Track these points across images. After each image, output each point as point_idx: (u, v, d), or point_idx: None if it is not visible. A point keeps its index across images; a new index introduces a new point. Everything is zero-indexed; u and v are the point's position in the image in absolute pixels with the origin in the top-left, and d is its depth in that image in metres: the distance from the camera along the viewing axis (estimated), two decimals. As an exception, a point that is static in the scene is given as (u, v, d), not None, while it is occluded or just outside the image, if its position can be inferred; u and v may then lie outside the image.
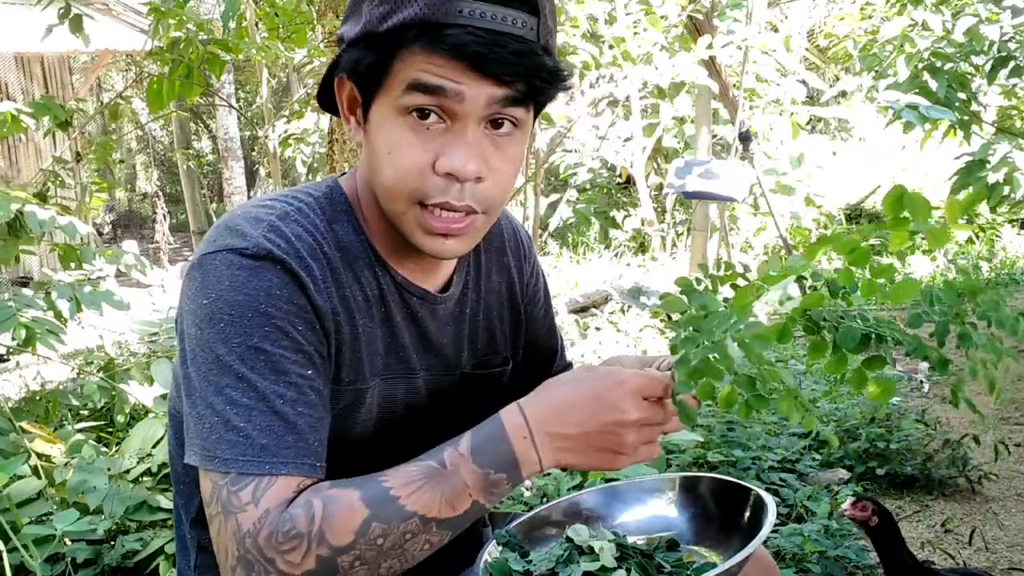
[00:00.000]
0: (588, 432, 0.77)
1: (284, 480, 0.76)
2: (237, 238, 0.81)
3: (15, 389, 3.65)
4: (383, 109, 0.81)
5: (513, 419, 0.78)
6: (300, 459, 0.78)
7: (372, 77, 0.81)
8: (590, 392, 0.78)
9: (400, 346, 0.93)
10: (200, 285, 0.81)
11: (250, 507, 0.74)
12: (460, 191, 0.81)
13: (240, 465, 0.76)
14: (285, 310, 0.80)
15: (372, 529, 0.74)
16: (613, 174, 9.16)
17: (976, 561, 2.15)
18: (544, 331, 1.15)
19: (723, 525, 1.01)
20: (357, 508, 0.74)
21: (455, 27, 0.76)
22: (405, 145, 0.80)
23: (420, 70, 0.78)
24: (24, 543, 1.60)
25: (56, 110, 2.89)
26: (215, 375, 0.78)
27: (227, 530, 0.75)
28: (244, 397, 0.77)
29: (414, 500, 0.75)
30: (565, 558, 0.92)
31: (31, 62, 8.15)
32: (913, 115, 3.24)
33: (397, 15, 0.77)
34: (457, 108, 0.79)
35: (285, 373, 0.79)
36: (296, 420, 0.78)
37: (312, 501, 0.75)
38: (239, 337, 0.78)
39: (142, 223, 15.40)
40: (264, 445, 0.76)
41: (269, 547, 0.73)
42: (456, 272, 0.99)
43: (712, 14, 5.32)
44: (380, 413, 0.93)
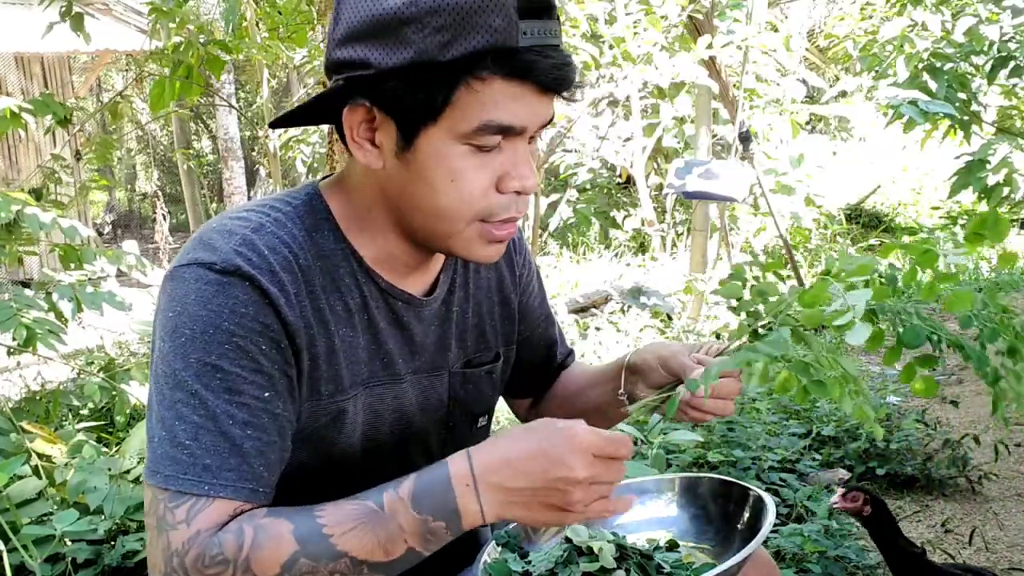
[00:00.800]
0: (535, 488, 0.75)
1: (221, 503, 0.76)
2: (207, 252, 0.81)
3: (15, 389, 3.65)
4: (439, 137, 0.79)
5: (459, 466, 0.76)
6: (241, 483, 0.77)
7: (425, 107, 0.77)
8: (539, 446, 0.75)
9: (384, 352, 0.92)
10: (168, 298, 0.81)
11: (182, 526, 0.75)
12: (519, 202, 0.84)
13: (179, 483, 0.76)
14: (248, 328, 0.79)
15: (299, 564, 0.73)
16: (613, 174, 9.15)
17: (976, 561, 2.15)
18: (541, 320, 1.15)
19: (723, 525, 1.01)
20: (286, 541, 0.74)
21: (525, 51, 0.76)
22: (471, 171, 0.80)
23: (492, 105, 0.77)
24: (24, 543, 1.60)
25: (56, 107, 2.89)
26: (169, 389, 0.78)
27: (158, 545, 0.75)
28: (194, 414, 0.77)
29: (346, 540, 0.74)
30: (564, 559, 0.92)
31: (31, 62, 8.14)
32: (913, 111, 3.24)
33: (463, 43, 0.74)
34: (516, 134, 0.81)
35: (239, 393, 0.78)
36: (243, 443, 0.78)
37: (244, 528, 0.75)
38: (197, 353, 0.78)
39: (142, 223, 15.38)
40: (206, 465, 0.76)
41: (195, 569, 0.73)
42: (442, 272, 0.98)
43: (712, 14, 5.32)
44: (366, 423, 0.92)
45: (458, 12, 0.73)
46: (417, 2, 0.74)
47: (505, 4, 0.74)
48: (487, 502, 0.76)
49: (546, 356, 1.18)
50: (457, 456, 0.78)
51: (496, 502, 0.76)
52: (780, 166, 7.19)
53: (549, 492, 0.75)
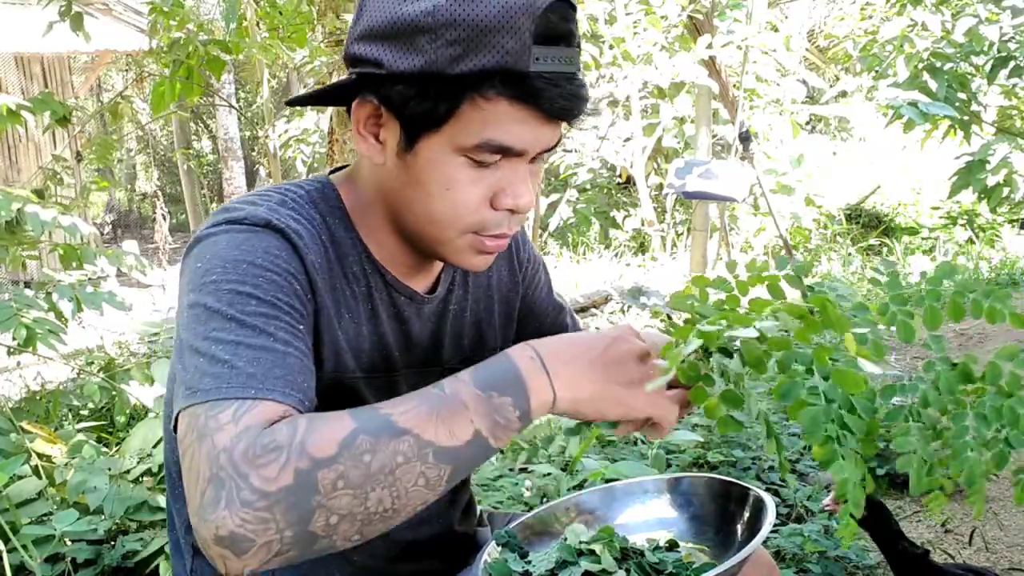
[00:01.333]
0: (598, 353, 0.75)
1: (269, 404, 0.70)
2: (235, 213, 0.82)
3: (15, 389, 3.65)
4: (440, 145, 0.79)
5: (520, 350, 0.75)
6: (288, 389, 0.72)
7: (429, 116, 0.78)
8: (597, 334, 0.78)
9: (384, 345, 0.93)
10: (197, 254, 0.80)
11: (229, 425, 0.67)
12: (511, 220, 0.84)
13: (223, 391, 0.69)
14: (282, 268, 0.79)
15: (359, 442, 0.66)
16: (613, 174, 9.15)
17: (976, 561, 2.15)
18: (550, 311, 1.15)
19: (723, 525, 1.01)
20: (344, 421, 0.68)
21: (535, 76, 0.76)
22: (466, 182, 0.81)
23: (494, 125, 0.77)
24: (24, 543, 1.60)
25: (55, 106, 2.89)
26: (202, 323, 0.74)
27: (200, 452, 0.67)
28: (231, 335, 0.73)
29: (407, 417, 0.68)
30: (565, 559, 0.92)
31: (31, 62, 8.15)
32: (913, 112, 3.24)
33: (473, 60, 0.75)
34: (516, 155, 0.81)
35: (277, 319, 0.76)
36: (286, 357, 0.74)
37: (297, 419, 0.68)
38: (230, 284, 0.76)
39: (142, 223, 15.39)
40: (251, 373, 0.71)
41: (244, 460, 0.65)
42: (443, 271, 0.99)
43: (712, 14, 5.32)
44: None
45: (473, 29, 0.74)
46: (435, 13, 0.75)
47: (521, 27, 0.74)
48: (555, 375, 0.73)
49: None
50: (516, 345, 0.76)
51: (562, 375, 0.73)
52: (780, 166, 7.20)
53: (611, 363, 0.75)
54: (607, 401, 0.75)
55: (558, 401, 0.73)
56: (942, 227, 8.12)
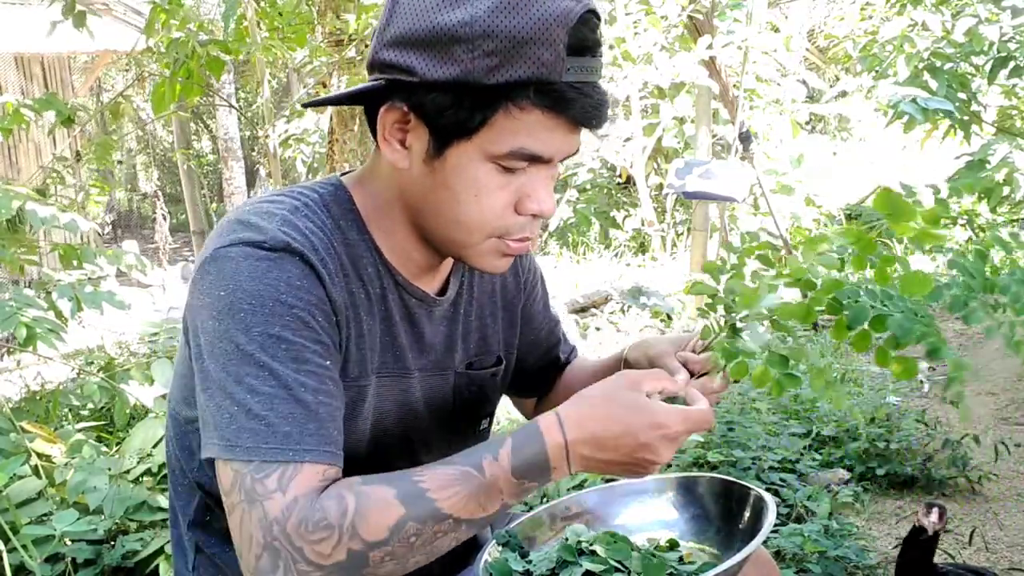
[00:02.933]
0: (620, 460, 0.81)
1: (310, 467, 0.76)
2: (252, 231, 0.81)
3: (15, 389, 3.65)
4: (470, 152, 0.81)
5: (554, 438, 0.79)
6: (322, 447, 0.77)
7: (464, 125, 0.80)
8: (628, 428, 0.79)
9: (397, 346, 0.94)
10: (216, 278, 0.80)
11: (277, 495, 0.74)
12: (534, 224, 0.87)
13: (263, 453, 0.75)
14: (305, 300, 0.80)
15: (407, 528, 0.74)
16: (613, 174, 9.15)
17: (976, 561, 2.15)
18: (545, 323, 1.17)
19: (723, 525, 1.01)
20: (393, 505, 0.74)
21: (566, 86, 0.78)
22: (494, 188, 0.83)
23: (527, 134, 0.80)
24: (24, 543, 1.60)
25: (59, 106, 2.89)
26: (235, 365, 0.77)
27: (252, 518, 0.74)
28: (265, 385, 0.77)
29: (451, 504, 0.76)
30: (565, 558, 0.92)
31: (31, 62, 8.14)
32: (913, 108, 3.24)
33: (508, 70, 0.77)
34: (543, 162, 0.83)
35: (305, 362, 0.79)
36: (317, 408, 0.78)
37: (344, 494, 0.75)
38: (260, 326, 0.78)
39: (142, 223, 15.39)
40: (287, 433, 0.76)
41: (298, 536, 0.72)
42: (452, 274, 1.00)
43: (712, 14, 5.32)
44: (375, 413, 0.94)
45: (510, 40, 0.76)
46: (473, 23, 0.76)
47: (556, 39, 0.76)
48: (575, 464, 0.80)
49: (551, 357, 1.20)
50: (550, 423, 0.80)
51: (582, 466, 0.81)
52: (780, 166, 7.20)
53: (632, 465, 0.81)
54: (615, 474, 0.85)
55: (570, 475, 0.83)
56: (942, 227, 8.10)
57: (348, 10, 3.87)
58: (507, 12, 0.76)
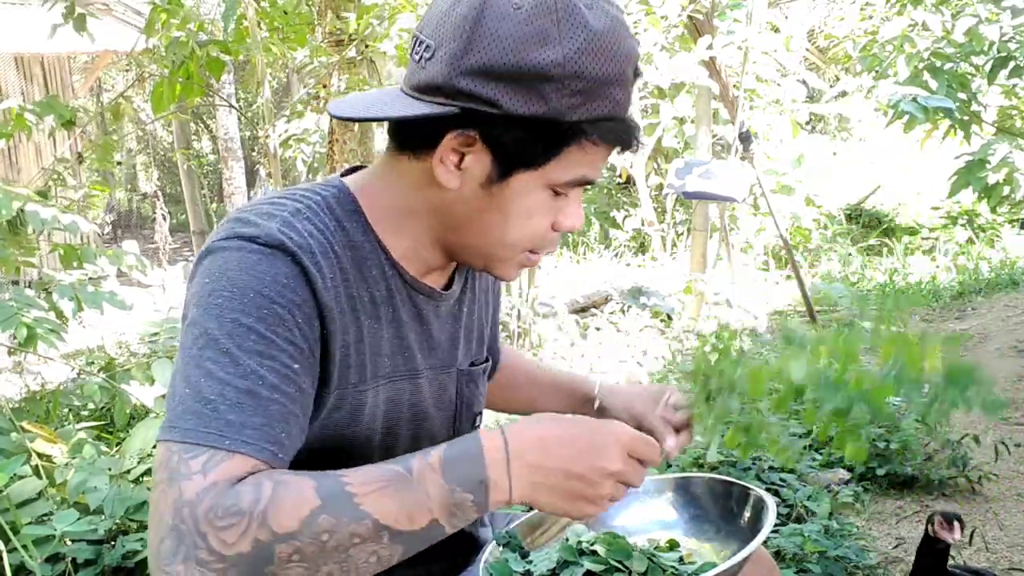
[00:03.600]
0: (568, 471, 0.76)
1: (240, 459, 0.72)
2: (250, 228, 0.81)
3: (15, 389, 3.65)
4: (533, 180, 0.84)
5: (492, 441, 0.76)
6: (263, 442, 0.74)
7: (537, 157, 0.82)
8: (579, 433, 0.78)
9: (406, 347, 0.93)
10: (207, 269, 0.80)
11: (197, 476, 0.70)
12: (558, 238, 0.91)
13: (199, 436, 0.72)
14: (288, 299, 0.78)
15: (320, 522, 0.69)
16: (613, 174, 9.15)
17: (976, 561, 2.15)
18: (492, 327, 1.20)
19: (723, 525, 1.01)
20: (308, 496, 0.70)
21: (622, 120, 0.83)
22: (544, 211, 0.87)
23: (591, 164, 0.84)
24: (24, 543, 1.61)
25: (60, 109, 2.89)
26: (199, 348, 0.76)
27: (167, 498, 0.70)
28: (222, 371, 0.74)
29: (370, 501, 0.71)
30: (566, 559, 0.92)
31: (31, 62, 8.14)
32: (913, 107, 3.24)
33: (590, 107, 0.80)
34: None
35: (271, 358, 0.76)
36: (269, 405, 0.75)
37: (263, 481, 0.70)
38: (234, 313, 0.76)
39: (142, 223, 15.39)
40: (229, 420, 0.73)
41: (206, 520, 0.68)
42: (457, 271, 1.01)
43: (712, 14, 5.32)
44: (386, 416, 0.93)
45: (595, 80, 0.79)
46: (565, 64, 0.78)
47: (628, 79, 0.82)
48: (516, 478, 0.75)
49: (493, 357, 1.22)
50: (492, 431, 0.77)
51: (525, 481, 0.75)
52: (780, 166, 7.20)
53: (580, 479, 0.76)
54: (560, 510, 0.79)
55: (513, 501, 0.76)
56: (942, 227, 8.11)
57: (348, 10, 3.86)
58: (595, 54, 0.79)
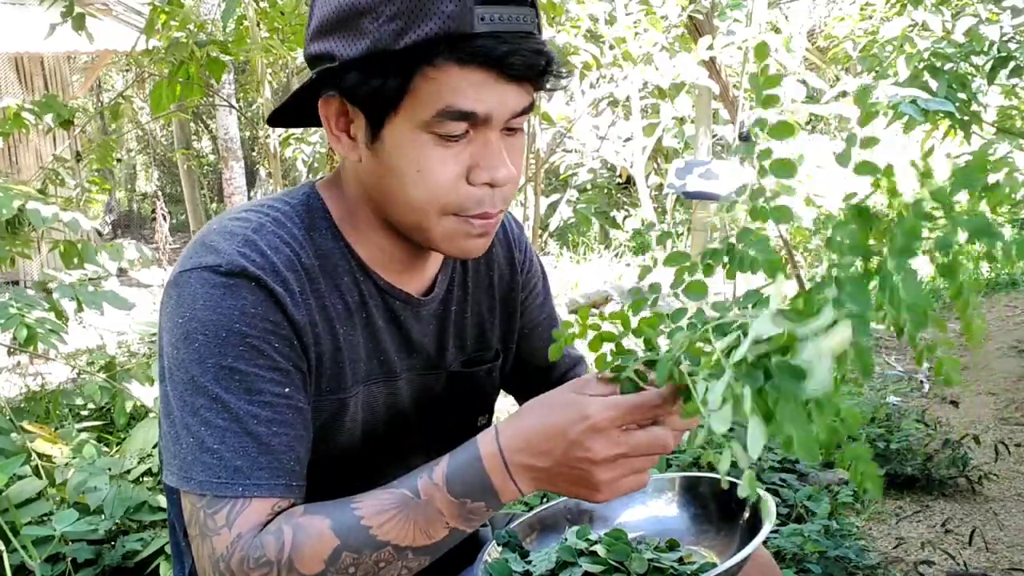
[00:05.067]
0: (558, 464, 0.73)
1: (258, 503, 0.77)
2: (211, 255, 0.80)
3: (15, 389, 3.65)
4: (402, 128, 0.78)
5: (488, 447, 0.75)
6: (274, 480, 0.78)
7: (386, 98, 0.77)
8: (554, 425, 0.73)
9: (382, 351, 0.92)
10: (176, 304, 0.80)
11: (224, 530, 0.75)
12: (493, 197, 0.82)
13: (215, 487, 0.76)
14: (260, 328, 0.79)
15: (343, 559, 0.74)
16: (613, 174, 9.16)
17: (976, 561, 2.15)
18: (542, 319, 1.13)
19: (723, 525, 1.01)
20: (327, 537, 0.74)
21: (479, 36, 0.73)
22: (436, 161, 0.79)
23: (449, 90, 0.75)
24: (24, 543, 1.60)
25: (59, 108, 2.89)
26: (190, 395, 0.78)
27: (204, 552, 0.76)
28: (218, 418, 0.77)
29: (386, 530, 0.74)
30: (565, 559, 0.92)
31: (31, 62, 8.14)
32: (913, 109, 3.24)
33: (416, 31, 0.73)
34: (483, 122, 0.78)
35: (260, 392, 0.78)
36: (270, 440, 0.78)
37: (283, 528, 0.75)
38: (213, 357, 0.78)
39: (142, 223, 15.39)
40: (238, 467, 0.77)
41: (241, 572, 0.74)
42: (441, 272, 0.98)
43: (712, 14, 5.33)
44: (364, 420, 0.93)
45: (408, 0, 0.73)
46: None
47: None
48: (519, 479, 0.75)
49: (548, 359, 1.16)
50: (486, 435, 0.76)
51: (527, 479, 0.75)
52: (780, 166, 7.19)
53: (573, 471, 0.73)
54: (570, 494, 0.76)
55: (526, 494, 0.77)
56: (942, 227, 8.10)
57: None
58: None
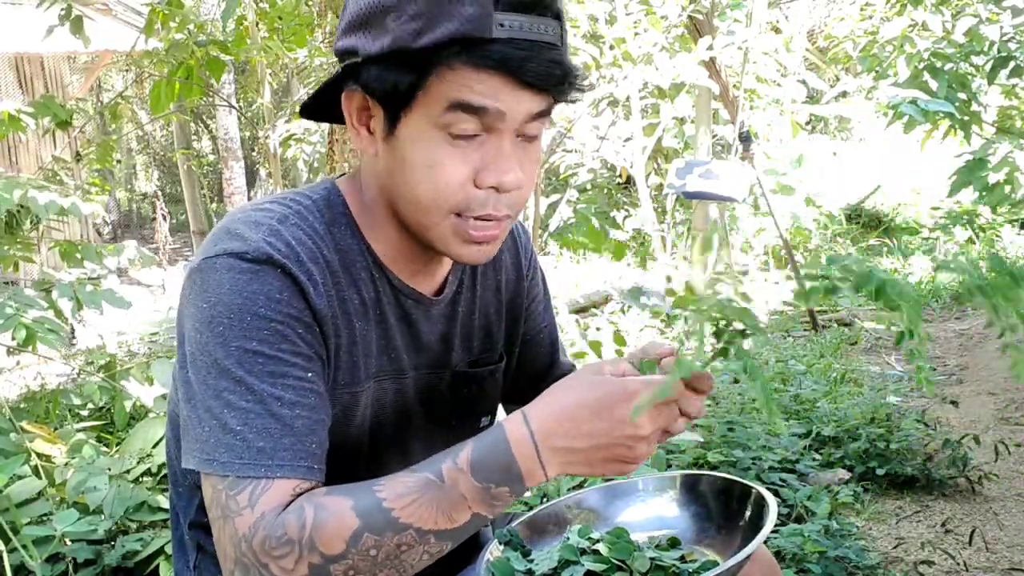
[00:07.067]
0: (599, 445, 0.75)
1: (281, 483, 0.77)
2: (237, 242, 0.81)
3: (15, 389, 3.65)
4: (417, 125, 0.80)
5: (517, 431, 0.75)
6: (296, 462, 0.78)
7: (403, 94, 0.79)
8: (600, 404, 0.74)
9: (393, 348, 0.93)
10: (200, 289, 0.81)
11: (247, 511, 0.75)
12: (498, 201, 0.82)
13: (237, 468, 0.76)
14: (284, 313, 0.80)
15: (364, 540, 0.73)
16: (613, 174, 9.15)
17: (976, 561, 2.15)
18: (543, 326, 1.15)
19: (724, 524, 1.01)
20: (348, 517, 0.74)
21: (497, 41, 0.75)
22: (445, 160, 0.80)
23: (462, 88, 0.77)
24: (24, 543, 1.60)
25: (56, 110, 2.89)
26: (213, 379, 0.78)
27: (226, 533, 0.76)
28: (241, 400, 0.78)
29: (409, 512, 0.74)
30: (567, 558, 0.92)
31: (31, 62, 8.14)
32: (913, 110, 3.24)
33: (435, 31, 0.75)
34: (496, 123, 0.79)
35: (283, 376, 0.79)
36: (293, 422, 0.79)
37: (304, 507, 0.75)
38: (237, 340, 0.78)
39: (142, 223, 15.40)
40: (261, 448, 0.77)
41: (263, 552, 0.74)
42: (451, 273, 0.99)
43: (712, 15, 5.33)
44: (373, 415, 0.94)
45: (431, 1, 0.75)
46: None
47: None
48: (549, 463, 0.75)
49: (548, 363, 1.18)
50: (514, 419, 0.76)
51: (559, 463, 0.75)
52: (780, 166, 7.21)
53: (615, 448, 0.75)
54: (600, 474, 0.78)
55: (549, 478, 0.77)
56: (942, 227, 8.11)
57: (348, 10, 3.86)
58: None
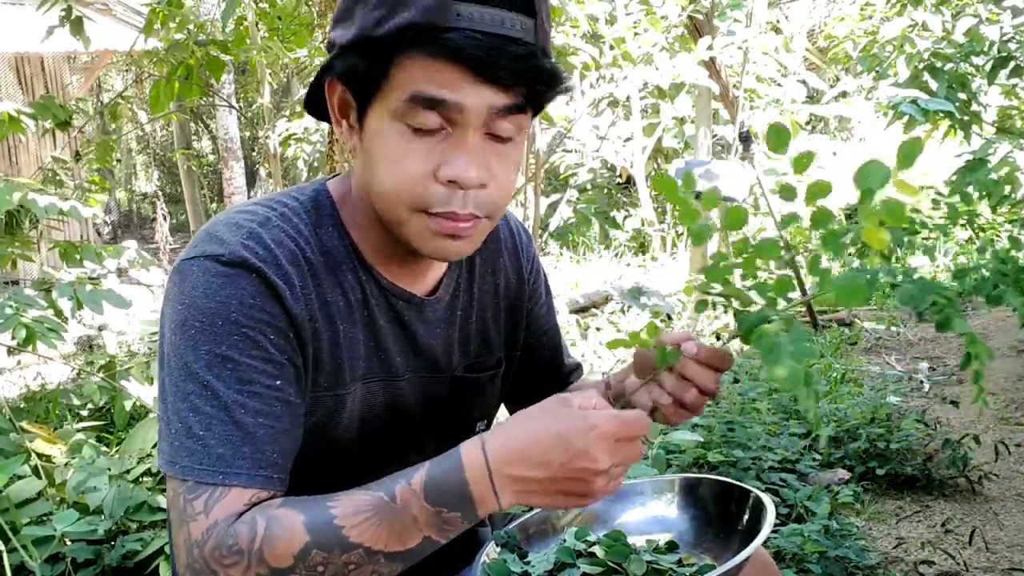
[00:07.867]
0: (555, 476, 0.73)
1: (236, 492, 0.77)
2: (215, 245, 0.81)
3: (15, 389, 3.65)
4: (380, 115, 0.80)
5: (473, 456, 0.74)
6: (255, 471, 0.78)
7: (368, 83, 0.79)
8: (558, 435, 0.73)
9: (383, 349, 0.93)
10: (177, 291, 0.81)
11: (201, 516, 0.76)
12: (463, 199, 0.80)
13: (196, 473, 0.77)
14: (257, 319, 0.80)
15: (312, 556, 0.73)
16: (613, 174, 9.16)
17: (976, 561, 2.15)
18: (546, 329, 1.14)
19: (723, 526, 1.01)
20: (298, 532, 0.73)
21: (454, 31, 0.74)
22: (405, 153, 0.79)
23: (420, 79, 0.76)
24: (24, 543, 1.60)
25: (56, 110, 2.89)
26: (182, 381, 0.79)
27: (180, 537, 0.77)
28: (207, 405, 0.78)
29: (359, 532, 0.73)
30: (563, 560, 0.92)
31: (31, 62, 8.14)
32: (913, 109, 3.24)
33: (393, 19, 0.75)
34: (457, 117, 0.78)
35: (251, 383, 0.79)
36: (255, 431, 0.78)
37: (257, 519, 0.75)
38: (207, 345, 0.78)
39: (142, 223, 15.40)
40: (220, 455, 0.77)
41: (213, 559, 0.74)
42: (447, 274, 0.99)
43: (712, 14, 5.33)
44: (362, 418, 0.93)
45: None
46: None
47: None
48: (503, 492, 0.74)
49: (552, 367, 1.17)
50: (470, 445, 0.75)
51: (512, 492, 0.74)
52: (780, 166, 7.20)
53: (571, 481, 0.74)
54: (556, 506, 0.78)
55: (505, 508, 0.76)
56: (941, 227, 8.09)
57: (348, 10, 3.86)
58: None
